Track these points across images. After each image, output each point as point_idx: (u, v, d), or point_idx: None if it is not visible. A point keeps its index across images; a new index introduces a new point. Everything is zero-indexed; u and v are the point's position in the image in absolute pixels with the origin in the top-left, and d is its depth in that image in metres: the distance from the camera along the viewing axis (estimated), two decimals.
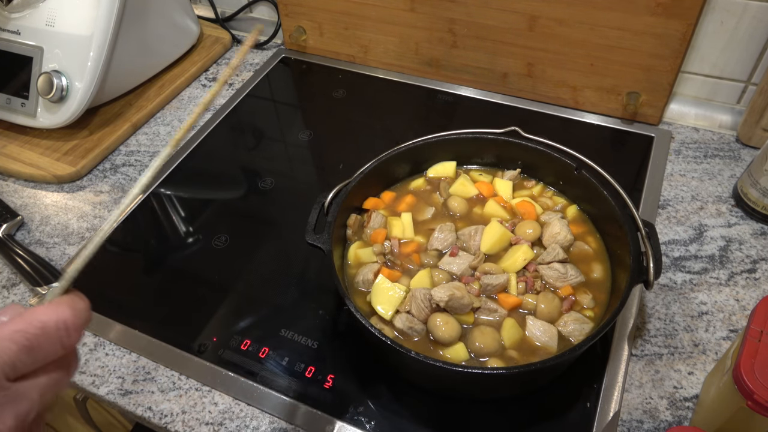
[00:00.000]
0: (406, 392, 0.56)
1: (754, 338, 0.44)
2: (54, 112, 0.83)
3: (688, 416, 0.54)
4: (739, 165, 0.76)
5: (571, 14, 0.77)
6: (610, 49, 0.78)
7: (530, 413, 0.55)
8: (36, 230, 0.76)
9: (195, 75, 0.99)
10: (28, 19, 0.84)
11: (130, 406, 0.58)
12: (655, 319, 0.61)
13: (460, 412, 0.55)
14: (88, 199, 0.80)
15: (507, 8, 0.81)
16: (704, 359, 0.57)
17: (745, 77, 0.78)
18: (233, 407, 0.57)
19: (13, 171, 0.83)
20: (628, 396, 0.55)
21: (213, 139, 0.87)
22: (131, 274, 0.71)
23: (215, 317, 0.64)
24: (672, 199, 0.73)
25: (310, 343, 0.61)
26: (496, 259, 0.60)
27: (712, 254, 0.66)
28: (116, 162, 0.85)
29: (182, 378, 0.60)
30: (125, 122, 0.89)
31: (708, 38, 0.76)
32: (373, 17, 0.91)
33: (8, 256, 0.70)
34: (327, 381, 0.57)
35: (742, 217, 0.70)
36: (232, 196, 0.80)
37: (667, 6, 0.71)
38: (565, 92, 0.86)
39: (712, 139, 0.81)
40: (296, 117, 0.91)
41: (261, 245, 0.71)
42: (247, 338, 0.62)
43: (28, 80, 0.84)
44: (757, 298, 0.62)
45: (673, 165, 0.77)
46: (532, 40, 0.82)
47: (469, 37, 0.87)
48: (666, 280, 0.64)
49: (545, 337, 0.54)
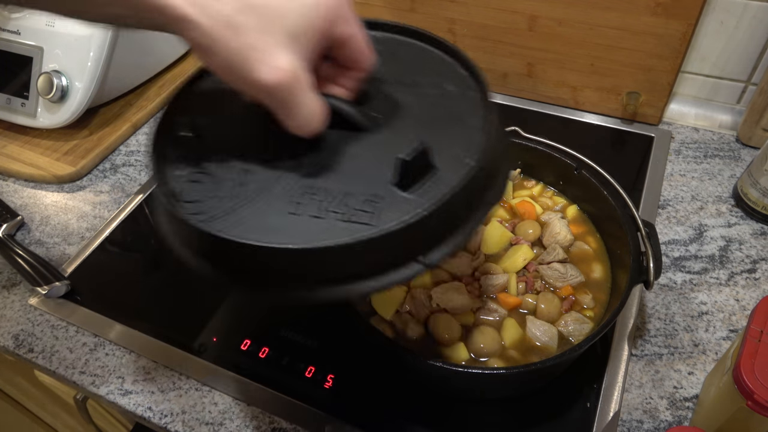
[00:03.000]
0: (406, 392, 0.56)
1: (754, 338, 0.44)
2: (54, 112, 0.83)
3: (688, 416, 0.54)
4: (739, 165, 0.76)
5: (571, 14, 0.77)
6: (610, 49, 0.78)
7: (530, 413, 0.55)
8: (36, 230, 0.76)
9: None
10: (28, 19, 0.84)
11: (130, 406, 0.58)
12: (655, 319, 0.61)
13: (460, 412, 0.55)
14: (88, 199, 0.80)
15: (507, 8, 0.81)
16: (704, 359, 0.57)
17: (745, 77, 0.78)
18: (233, 407, 0.57)
19: (13, 171, 0.83)
20: (628, 396, 0.55)
21: None
22: (131, 274, 0.71)
23: (215, 317, 0.64)
24: (672, 199, 0.73)
25: (310, 343, 0.61)
26: (496, 259, 0.60)
27: (712, 254, 0.66)
28: (116, 162, 0.85)
29: (182, 378, 0.60)
30: (125, 122, 0.89)
31: (708, 38, 0.76)
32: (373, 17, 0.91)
33: (8, 256, 0.70)
34: (327, 381, 0.57)
35: (742, 217, 0.70)
36: None
37: (667, 6, 0.71)
38: (565, 92, 0.86)
39: (712, 139, 0.81)
40: None
41: None
42: (247, 338, 0.62)
43: (28, 80, 0.84)
44: (757, 298, 0.62)
45: (673, 165, 0.77)
46: (532, 40, 0.82)
47: (469, 37, 0.87)
48: (666, 280, 0.64)
49: (545, 337, 0.54)
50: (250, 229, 0.38)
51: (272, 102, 0.36)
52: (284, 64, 0.35)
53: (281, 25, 0.35)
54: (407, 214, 0.36)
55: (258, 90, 0.36)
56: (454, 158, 0.41)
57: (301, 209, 0.39)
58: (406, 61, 0.49)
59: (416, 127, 0.43)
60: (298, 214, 0.38)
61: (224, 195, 0.40)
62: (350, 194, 0.39)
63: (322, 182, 0.40)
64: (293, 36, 0.35)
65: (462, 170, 0.39)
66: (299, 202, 0.39)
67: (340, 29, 0.37)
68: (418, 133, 0.43)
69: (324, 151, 0.42)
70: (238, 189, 0.40)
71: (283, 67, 0.35)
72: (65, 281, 0.67)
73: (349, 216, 0.38)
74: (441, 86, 0.46)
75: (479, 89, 0.45)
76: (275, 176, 0.41)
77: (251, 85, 0.35)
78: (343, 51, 0.39)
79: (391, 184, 0.39)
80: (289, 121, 0.38)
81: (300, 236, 0.37)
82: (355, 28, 0.38)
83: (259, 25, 0.34)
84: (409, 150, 0.38)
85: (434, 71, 0.47)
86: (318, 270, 0.37)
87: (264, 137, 0.43)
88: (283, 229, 0.38)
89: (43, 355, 0.63)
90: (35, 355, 0.63)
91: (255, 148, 0.43)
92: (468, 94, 0.45)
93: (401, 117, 0.44)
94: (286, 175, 0.41)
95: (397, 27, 0.50)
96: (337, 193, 0.39)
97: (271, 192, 0.40)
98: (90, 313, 0.66)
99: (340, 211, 0.38)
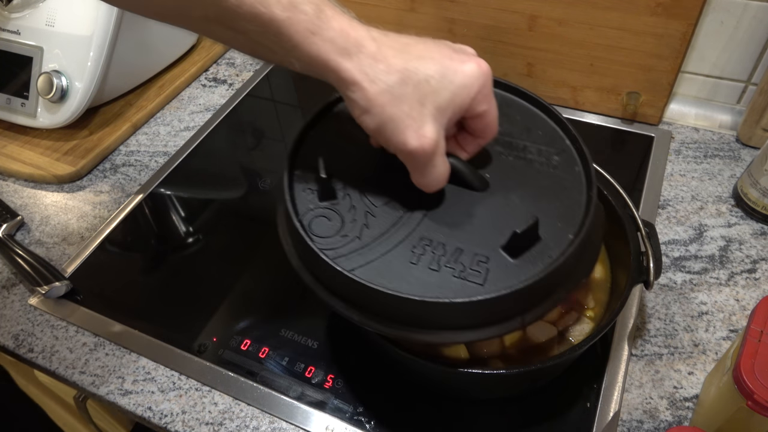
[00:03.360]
0: (406, 392, 0.56)
1: (754, 338, 0.44)
2: (54, 112, 0.83)
3: (688, 416, 0.54)
4: (739, 165, 0.76)
5: (571, 14, 0.77)
6: (610, 49, 0.78)
7: (530, 413, 0.55)
8: (36, 230, 0.76)
9: (195, 75, 0.99)
10: (28, 19, 0.84)
11: (130, 406, 0.58)
12: (655, 319, 0.61)
13: (460, 412, 0.55)
14: (88, 199, 0.80)
15: (507, 8, 0.81)
16: (704, 359, 0.57)
17: (745, 77, 0.78)
18: (233, 407, 0.57)
19: (13, 171, 0.83)
20: (628, 396, 0.55)
21: (213, 139, 0.87)
22: (131, 274, 0.71)
23: (215, 317, 0.64)
24: (672, 199, 0.73)
25: (310, 343, 0.61)
26: None
27: (712, 254, 0.66)
28: (116, 162, 0.85)
29: (182, 378, 0.60)
30: (125, 122, 0.89)
31: (708, 38, 0.76)
32: (373, 17, 0.91)
33: (8, 256, 0.70)
34: (327, 381, 0.57)
35: (742, 217, 0.70)
36: (232, 196, 0.80)
37: (667, 6, 0.71)
38: (565, 92, 0.86)
39: (712, 139, 0.81)
40: (296, 117, 0.91)
41: (261, 245, 0.71)
42: (247, 338, 0.62)
43: (28, 80, 0.84)
44: (757, 298, 0.62)
45: (673, 165, 0.77)
46: (532, 40, 0.82)
47: (469, 37, 0.87)
48: (666, 280, 0.64)
49: (545, 337, 0.54)
50: (377, 273, 0.43)
51: (410, 162, 0.41)
52: (430, 133, 0.39)
53: (434, 100, 0.39)
54: (515, 280, 0.42)
55: (401, 150, 0.40)
56: (557, 230, 0.45)
57: (420, 259, 0.44)
58: (515, 122, 0.54)
59: (523, 195, 0.48)
60: (416, 264, 0.43)
61: (351, 235, 0.45)
62: (462, 251, 0.44)
63: (437, 234, 0.45)
64: (442, 109, 0.40)
65: (563, 243, 0.44)
66: (417, 252, 0.44)
67: (479, 106, 0.42)
68: (525, 200, 0.47)
69: (439, 204, 0.47)
70: (363, 230, 0.45)
71: (429, 136, 0.39)
72: (65, 281, 0.67)
73: (462, 273, 0.43)
74: (548, 155, 0.51)
75: (582, 164, 0.50)
76: (395, 221, 0.46)
77: (397, 146, 0.40)
78: (474, 122, 0.43)
79: (501, 248, 0.44)
80: (419, 179, 0.43)
81: (420, 287, 0.42)
82: (492, 104, 0.43)
83: (415, 97, 0.39)
84: (523, 224, 0.43)
85: (542, 138, 0.52)
86: (429, 317, 0.42)
87: (385, 182, 0.48)
88: (406, 278, 0.43)
89: (43, 355, 0.63)
90: (35, 355, 0.63)
91: (377, 192, 0.48)
92: (573, 169, 0.50)
93: (510, 182, 0.49)
94: (404, 221, 0.46)
95: (509, 87, 0.55)
96: (450, 248, 0.44)
97: (392, 238, 0.45)
98: (90, 313, 0.66)
99: (454, 267, 0.43)
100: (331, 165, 0.47)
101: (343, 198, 0.47)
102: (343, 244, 0.44)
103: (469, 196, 0.47)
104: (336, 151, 0.50)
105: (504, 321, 0.43)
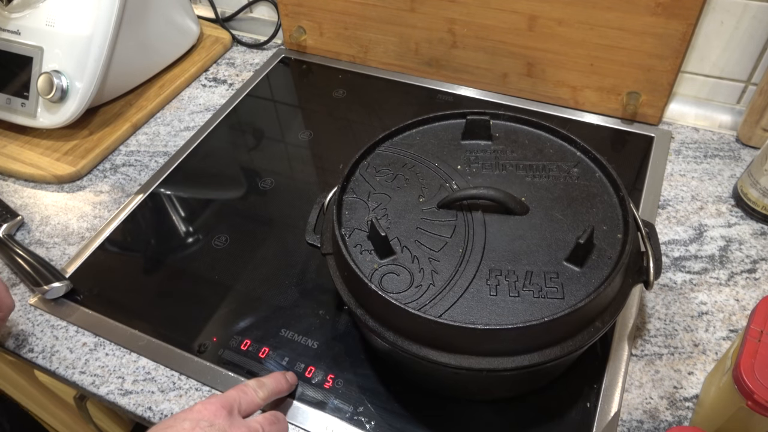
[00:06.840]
0: (406, 392, 0.56)
1: (754, 338, 0.44)
2: (54, 112, 0.83)
3: (688, 416, 0.54)
4: (739, 165, 0.76)
5: (571, 14, 0.77)
6: (610, 49, 0.78)
7: (530, 413, 0.55)
8: (36, 230, 0.76)
9: (195, 75, 0.99)
10: (28, 19, 0.84)
11: (130, 406, 0.58)
12: (655, 319, 0.61)
13: (460, 412, 0.55)
14: (88, 199, 0.80)
15: (507, 8, 0.81)
16: (704, 359, 0.57)
17: (745, 77, 0.78)
18: None
19: (13, 171, 0.83)
20: (628, 396, 0.55)
21: (213, 139, 0.87)
22: (131, 274, 0.71)
23: (215, 317, 0.64)
24: (672, 199, 0.73)
25: (310, 343, 0.61)
26: None
27: (712, 254, 0.66)
28: (116, 162, 0.85)
29: (182, 378, 0.60)
30: (125, 122, 0.89)
31: (708, 38, 0.76)
32: (373, 17, 0.92)
33: (8, 256, 0.70)
34: (327, 381, 0.58)
35: (742, 217, 0.70)
36: (232, 196, 0.80)
37: (667, 6, 0.71)
38: (565, 92, 0.86)
39: (712, 139, 0.81)
40: (296, 117, 0.91)
41: (261, 245, 0.71)
42: (247, 338, 0.62)
43: (28, 80, 0.84)
44: (757, 298, 0.62)
45: (673, 165, 0.77)
46: (532, 40, 0.82)
47: (469, 37, 0.87)
48: (666, 280, 0.64)
49: None
50: (467, 312, 0.44)
51: None
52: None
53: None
54: (590, 287, 0.45)
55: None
56: (604, 233, 0.48)
57: (497, 290, 0.45)
58: (525, 146, 0.57)
59: (562, 209, 0.51)
60: (497, 295, 0.45)
61: (424, 284, 0.46)
62: (532, 273, 0.46)
63: (503, 263, 0.47)
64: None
65: (617, 245, 0.47)
66: (492, 283, 0.46)
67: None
68: (566, 213, 0.50)
69: (491, 234, 0.49)
70: (434, 276, 0.47)
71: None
72: (65, 281, 0.67)
73: (541, 293, 0.45)
74: (567, 169, 0.55)
75: (601, 170, 0.54)
76: (459, 261, 0.48)
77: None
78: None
79: (565, 261, 0.46)
80: None
81: (511, 315, 0.44)
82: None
83: None
84: (575, 235, 0.46)
85: (555, 155, 0.56)
86: (528, 341, 0.43)
87: (428, 226, 0.50)
88: (495, 311, 0.44)
89: (43, 355, 0.63)
90: (35, 355, 0.63)
91: (428, 237, 0.50)
92: (594, 176, 0.54)
93: (545, 200, 0.52)
94: (467, 259, 0.48)
95: (510, 116, 0.59)
96: (520, 273, 0.46)
97: (464, 277, 0.46)
98: (90, 313, 0.66)
99: (532, 289, 0.45)
100: (382, 211, 0.50)
101: (402, 251, 0.49)
102: (420, 294, 0.46)
103: (514, 221, 0.50)
104: (371, 206, 0.53)
105: (585, 327, 0.45)
